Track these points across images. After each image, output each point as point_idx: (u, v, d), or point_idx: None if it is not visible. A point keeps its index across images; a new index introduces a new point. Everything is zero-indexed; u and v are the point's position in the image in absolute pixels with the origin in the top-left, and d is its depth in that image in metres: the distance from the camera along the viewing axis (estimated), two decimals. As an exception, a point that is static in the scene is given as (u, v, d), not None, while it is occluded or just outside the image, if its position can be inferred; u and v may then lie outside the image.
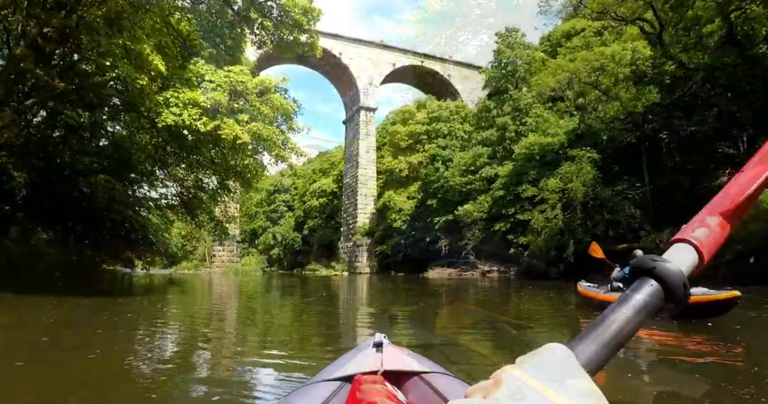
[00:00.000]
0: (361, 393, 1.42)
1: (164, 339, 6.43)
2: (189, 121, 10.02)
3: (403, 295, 16.43)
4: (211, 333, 7.17)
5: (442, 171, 44.68)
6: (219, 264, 59.50)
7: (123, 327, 7.34)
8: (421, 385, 1.66)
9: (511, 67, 41.12)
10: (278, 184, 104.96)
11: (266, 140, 11.07)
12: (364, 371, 1.71)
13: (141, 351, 5.44)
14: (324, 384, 1.66)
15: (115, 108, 16.82)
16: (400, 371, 1.77)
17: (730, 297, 6.65)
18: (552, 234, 28.21)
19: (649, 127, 27.63)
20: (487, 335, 7.18)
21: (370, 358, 1.88)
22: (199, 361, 4.98)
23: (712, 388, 3.80)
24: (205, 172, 16.68)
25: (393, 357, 1.88)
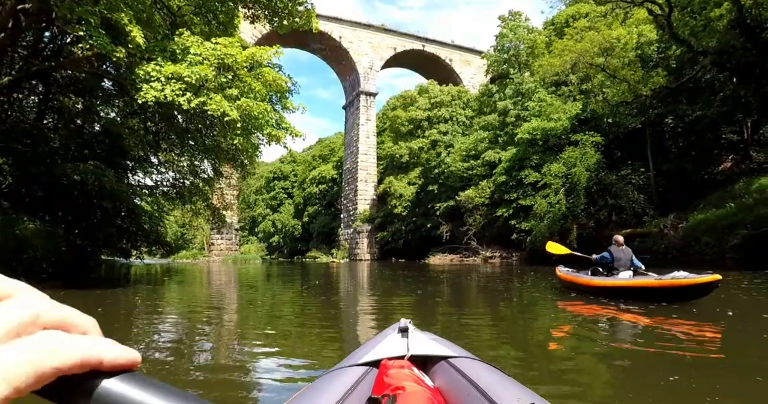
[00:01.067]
0: (388, 378, 1.47)
1: (160, 333, 6.12)
2: (171, 96, 9.33)
3: (402, 283, 15.96)
4: (211, 323, 6.93)
5: (444, 156, 44.12)
6: (218, 253, 59.12)
7: (116, 320, 7.03)
8: (448, 369, 1.68)
9: (513, 51, 40.34)
10: (277, 170, 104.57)
11: (257, 118, 10.31)
12: (390, 356, 1.76)
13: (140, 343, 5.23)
14: (351, 369, 1.69)
15: (107, 92, 16.34)
16: (426, 356, 1.81)
17: (710, 280, 6.79)
18: (555, 220, 27.77)
19: (654, 112, 27.14)
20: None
21: (395, 343, 1.92)
22: (205, 354, 4.82)
23: (689, 365, 3.89)
24: (197, 155, 16.12)
25: (419, 342, 1.90)
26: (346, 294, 12.00)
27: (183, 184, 22.97)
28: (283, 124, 11.67)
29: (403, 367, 1.60)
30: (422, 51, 67.35)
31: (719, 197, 22.41)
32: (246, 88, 10.09)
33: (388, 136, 59.84)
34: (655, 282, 7.39)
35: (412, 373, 1.56)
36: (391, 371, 1.55)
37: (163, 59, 9.57)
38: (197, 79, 9.26)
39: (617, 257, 8.74)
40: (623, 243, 8.92)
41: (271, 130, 10.77)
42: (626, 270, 8.63)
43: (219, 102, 9.56)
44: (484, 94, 42.71)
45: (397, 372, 1.53)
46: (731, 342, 4.87)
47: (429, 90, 53.55)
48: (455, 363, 1.71)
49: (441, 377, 1.68)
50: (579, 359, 4.26)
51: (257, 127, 10.55)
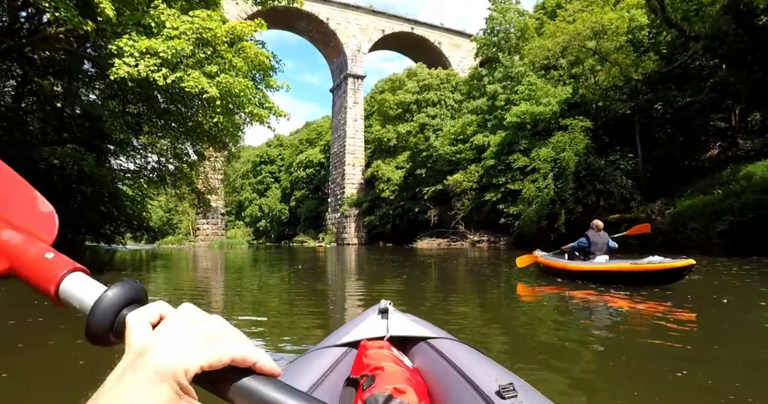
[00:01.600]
0: (367, 359, 1.48)
1: None
2: (146, 72, 8.80)
3: (388, 267, 15.72)
4: (200, 306, 6.74)
5: (432, 140, 43.77)
6: (203, 238, 58.49)
7: None
8: (427, 350, 1.69)
9: (503, 34, 39.85)
10: (264, 154, 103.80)
11: (238, 96, 9.82)
12: (370, 337, 1.77)
13: None
14: (330, 349, 1.70)
15: (87, 74, 15.83)
16: (405, 336, 1.83)
17: (684, 265, 6.92)
18: (543, 204, 27.70)
19: (643, 98, 27.01)
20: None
21: (375, 324, 1.92)
22: None
23: (663, 347, 3.96)
24: (179, 137, 15.62)
25: (398, 323, 1.91)
26: (330, 279, 11.74)
27: (166, 167, 22.60)
28: (266, 103, 11.18)
29: (383, 348, 1.61)
30: (411, 33, 66.57)
31: (706, 184, 22.38)
32: (226, 64, 9.60)
33: (376, 120, 59.27)
34: (631, 267, 7.49)
35: (391, 354, 1.57)
36: (370, 351, 1.57)
37: (137, 33, 9.03)
38: (173, 55, 8.76)
39: (594, 241, 8.83)
40: (602, 228, 9.00)
41: (252, 109, 10.28)
42: (602, 254, 8.72)
43: (197, 78, 9.07)
44: (474, 78, 42.28)
45: (376, 353, 1.55)
46: (726, 331, 4.73)
47: (418, 73, 52.95)
48: (434, 344, 1.73)
49: (420, 357, 1.70)
50: (557, 342, 4.26)
51: (238, 105, 10.06)
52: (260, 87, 11.64)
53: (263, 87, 11.80)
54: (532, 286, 8.59)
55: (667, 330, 4.47)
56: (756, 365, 3.50)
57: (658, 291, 7.02)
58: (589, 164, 27.11)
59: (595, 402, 2.86)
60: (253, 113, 10.38)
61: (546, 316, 5.68)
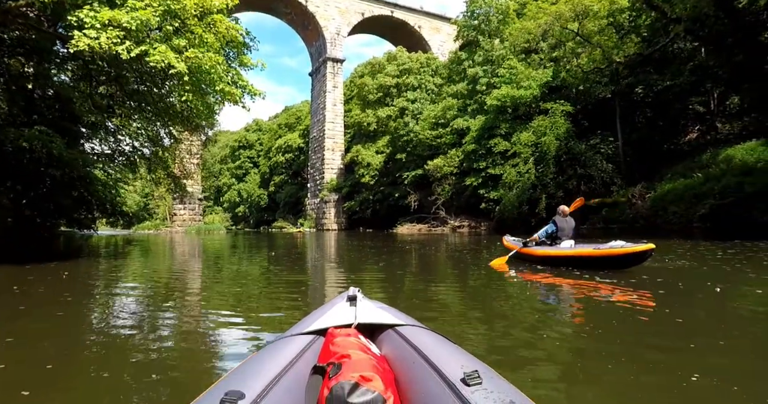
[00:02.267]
0: (334, 346, 1.52)
1: (120, 306, 5.87)
2: (107, 45, 8.19)
3: (367, 253, 15.41)
4: (170, 294, 6.80)
5: (412, 125, 43.37)
6: (181, 224, 57.60)
7: (65, 294, 6.57)
8: (395, 337, 1.73)
9: (483, 17, 39.40)
10: (242, 139, 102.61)
11: (209, 73, 9.26)
12: (337, 324, 1.81)
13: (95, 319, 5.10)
14: (298, 337, 1.72)
15: (60, 55, 15.18)
16: (373, 324, 1.87)
17: (645, 249, 7.16)
18: (524, 189, 27.64)
19: (624, 82, 26.96)
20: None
21: (343, 312, 1.96)
22: (163, 322, 4.82)
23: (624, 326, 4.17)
24: (151, 118, 14.96)
25: (366, 311, 1.95)
26: (307, 266, 11.41)
27: (140, 151, 22.06)
28: (240, 81, 10.59)
29: (350, 335, 1.62)
30: (391, 17, 65.72)
31: (686, 167, 22.58)
32: (196, 39, 9.05)
33: (355, 104, 58.53)
34: (594, 252, 7.68)
35: (358, 341, 1.58)
36: (337, 339, 1.57)
37: (99, 4, 8.45)
38: (138, 26, 8.20)
39: (561, 227, 9.01)
40: (568, 214, 9.19)
41: (224, 86, 9.66)
42: (568, 239, 8.94)
43: (164, 52, 8.48)
44: (454, 62, 41.83)
45: (343, 340, 1.55)
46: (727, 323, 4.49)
47: (397, 57, 52.24)
48: (402, 331, 1.74)
49: (387, 345, 1.71)
50: (528, 330, 4.20)
51: (209, 82, 9.50)
52: (233, 65, 11.05)
53: (237, 65, 11.21)
54: (505, 273, 8.35)
55: (658, 322, 4.39)
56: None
57: (647, 278, 6.88)
58: (569, 148, 27.06)
59: (562, 388, 2.81)
60: (224, 92, 9.75)
61: (518, 304, 5.60)
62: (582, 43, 25.61)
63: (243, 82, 10.60)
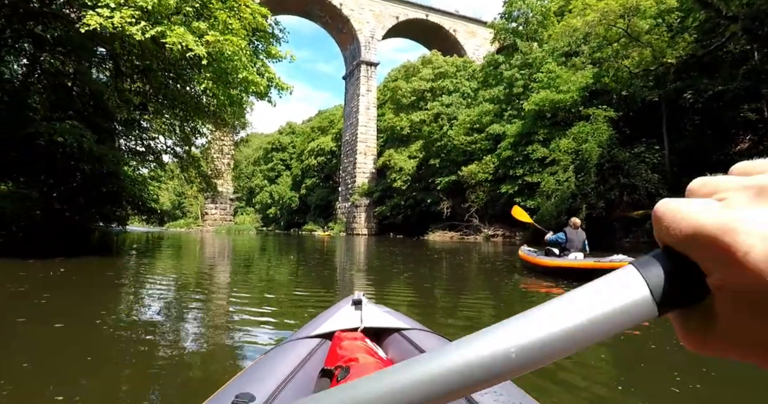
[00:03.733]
0: (341, 350, 1.52)
1: (146, 303, 6.04)
2: (121, 24, 7.63)
3: (393, 261, 14.60)
4: (192, 295, 6.79)
5: (446, 129, 42.43)
6: (211, 223, 57.89)
7: (91, 291, 6.71)
8: (401, 341, 1.73)
9: (522, 19, 38.34)
10: (276, 142, 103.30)
11: (231, 59, 8.67)
12: (343, 328, 1.81)
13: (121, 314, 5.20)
14: (305, 341, 1.73)
15: (99, 56, 15.11)
16: (379, 328, 1.87)
17: None
18: (563, 198, 26.40)
19: (672, 86, 25.51)
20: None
21: (349, 315, 1.96)
22: (181, 320, 4.91)
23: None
24: (177, 113, 14.49)
25: (372, 315, 1.96)
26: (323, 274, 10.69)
27: (173, 150, 22.04)
28: (266, 72, 9.86)
29: (357, 339, 1.63)
30: (425, 20, 65.06)
31: None
32: (220, 25, 8.38)
33: (388, 108, 57.95)
34: (595, 264, 7.80)
35: (365, 345, 1.58)
36: (344, 343, 1.58)
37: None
38: (155, 6, 7.60)
39: (570, 238, 9.18)
40: (579, 226, 9.35)
41: (247, 74, 8.93)
42: (577, 251, 9.08)
43: (181, 34, 7.87)
44: (490, 64, 40.82)
45: (350, 344, 1.56)
46: None
47: (433, 60, 51.48)
48: (408, 335, 1.74)
49: (394, 349, 1.71)
50: None
51: (231, 70, 8.79)
52: (261, 57, 10.34)
53: (264, 57, 10.50)
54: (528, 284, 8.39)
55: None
56: None
57: None
58: (612, 156, 25.69)
59: (572, 396, 2.83)
60: (248, 81, 9.02)
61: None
62: (628, 43, 24.32)
63: (270, 73, 9.86)
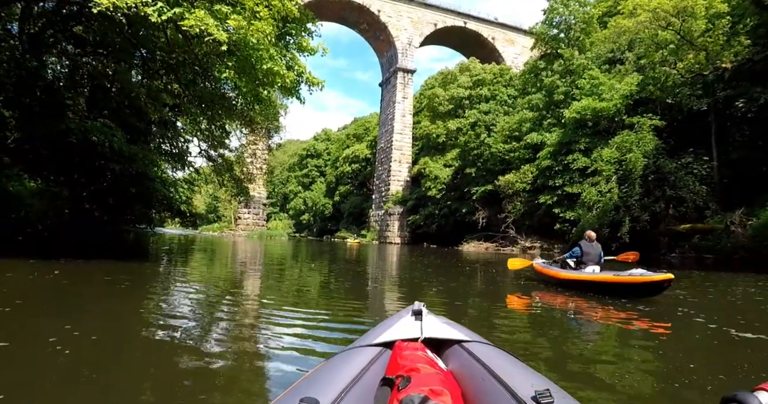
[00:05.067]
0: (402, 360, 1.53)
1: (182, 304, 5.93)
2: (135, 3, 7.25)
3: (426, 274, 13.87)
4: (224, 305, 6.31)
5: (484, 137, 41.56)
6: (244, 227, 58.24)
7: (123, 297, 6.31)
8: (462, 353, 1.73)
9: (564, 26, 37.32)
10: (311, 148, 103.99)
11: (256, 48, 8.12)
12: (404, 338, 1.83)
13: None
14: (366, 349, 1.75)
15: (137, 58, 15.10)
16: (439, 339, 1.87)
17: (663, 279, 7.05)
18: (605, 210, 25.24)
19: (721, 94, 24.19)
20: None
21: (409, 325, 1.97)
22: (216, 328, 4.68)
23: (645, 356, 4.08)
24: (206, 112, 14.15)
25: (432, 325, 1.96)
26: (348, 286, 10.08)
27: (207, 153, 22.07)
28: (296, 66, 9.29)
29: (417, 349, 1.63)
30: (463, 28, 64.48)
31: None
32: (247, 12, 7.85)
33: (425, 116, 57.37)
34: (613, 278, 7.65)
35: (425, 355, 1.59)
36: (405, 352, 1.59)
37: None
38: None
39: (587, 252, 9.07)
40: (594, 239, 9.29)
41: (273, 65, 8.34)
42: (594, 265, 8.96)
43: (201, 17, 7.41)
44: (531, 71, 39.86)
45: (411, 354, 1.57)
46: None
47: (470, 68, 50.76)
48: (468, 347, 1.74)
49: (454, 360, 1.71)
50: (589, 354, 4.21)
51: (256, 59, 8.23)
52: (291, 49, 9.77)
53: (294, 49, 9.93)
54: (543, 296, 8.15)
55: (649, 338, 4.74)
56: None
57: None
58: (658, 167, 24.45)
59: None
60: (273, 72, 8.46)
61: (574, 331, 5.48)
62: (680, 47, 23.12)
63: (300, 67, 9.29)
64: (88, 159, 13.35)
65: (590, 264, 8.98)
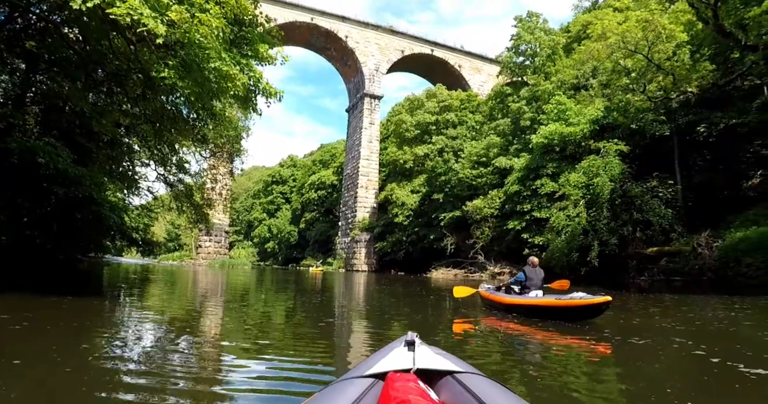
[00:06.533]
0: (394, 391, 1.48)
1: (136, 345, 5.17)
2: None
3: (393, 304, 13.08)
4: (194, 334, 6.20)
5: (452, 162, 41.36)
6: (205, 256, 56.19)
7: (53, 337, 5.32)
8: (454, 384, 1.69)
9: (530, 52, 37.77)
10: (276, 174, 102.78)
11: (202, 46, 7.10)
12: (396, 369, 1.78)
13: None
14: (357, 380, 1.70)
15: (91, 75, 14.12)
16: (432, 370, 1.81)
17: (601, 301, 7.21)
18: (574, 234, 24.98)
19: (683, 120, 24.55)
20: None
21: (402, 356, 1.92)
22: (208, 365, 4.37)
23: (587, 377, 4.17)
24: (156, 130, 13.07)
25: (425, 356, 1.92)
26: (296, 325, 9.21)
27: (164, 177, 21.15)
28: (251, 72, 8.38)
29: (409, 381, 1.60)
30: (431, 55, 65.15)
31: (759, 214, 20.34)
32: (194, 9, 6.95)
33: (392, 142, 57.19)
34: (556, 302, 7.77)
35: (417, 387, 1.55)
36: (397, 384, 1.55)
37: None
38: None
39: (530, 277, 9.33)
40: (537, 265, 9.57)
41: (222, 65, 7.39)
42: (537, 289, 9.21)
43: (135, 6, 6.47)
44: (497, 97, 40.09)
45: (402, 385, 1.53)
46: None
47: (437, 94, 50.98)
48: (461, 379, 1.70)
49: (446, 392, 1.68)
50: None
51: (202, 59, 7.32)
52: (247, 56, 8.81)
53: (251, 57, 8.96)
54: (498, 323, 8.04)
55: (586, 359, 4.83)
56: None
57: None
58: (625, 191, 24.43)
59: None
60: (222, 73, 7.50)
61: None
62: (644, 72, 23.38)
63: (255, 73, 8.41)
64: (31, 181, 12.25)
65: (533, 288, 9.23)
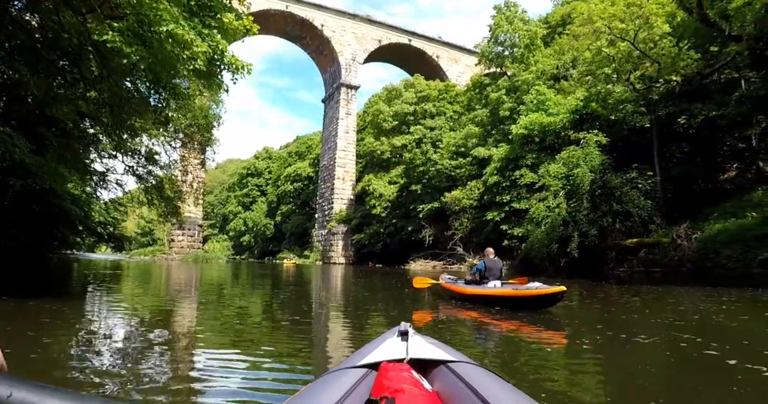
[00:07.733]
0: (387, 381, 1.47)
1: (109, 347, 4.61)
2: None
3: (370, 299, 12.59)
4: (171, 333, 5.67)
5: (430, 153, 40.92)
6: (178, 250, 54.83)
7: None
8: (447, 374, 1.68)
9: (509, 43, 37.38)
10: (251, 166, 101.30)
11: (153, 6, 6.40)
12: (389, 359, 1.78)
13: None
14: (350, 370, 1.68)
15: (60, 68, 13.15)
16: (425, 359, 1.82)
17: (556, 291, 7.37)
18: (554, 226, 24.74)
19: (663, 112, 24.46)
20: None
21: (395, 346, 1.91)
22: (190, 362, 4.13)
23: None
24: (115, 114, 12.21)
25: (418, 346, 1.91)
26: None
27: (132, 168, 20.34)
28: (215, 40, 7.56)
29: (402, 370, 1.60)
30: (408, 45, 64.46)
31: (736, 206, 20.38)
32: None
33: (369, 132, 56.49)
34: (513, 292, 7.96)
35: (411, 376, 1.55)
36: (390, 373, 1.55)
37: None
38: None
39: (489, 267, 9.41)
40: (494, 255, 9.66)
41: (176, 29, 6.63)
42: (495, 279, 9.28)
43: None
44: (476, 87, 39.68)
45: (396, 375, 1.53)
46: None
47: (415, 84, 50.39)
48: (454, 368, 1.70)
49: (440, 381, 1.67)
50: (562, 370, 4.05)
51: (153, 21, 6.51)
52: (210, 25, 7.96)
53: (213, 27, 8.11)
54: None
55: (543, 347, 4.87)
56: None
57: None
58: (605, 182, 24.26)
59: None
60: (177, 39, 6.67)
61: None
62: (630, 59, 23.15)
63: (221, 45, 7.52)
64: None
65: (492, 278, 9.29)
